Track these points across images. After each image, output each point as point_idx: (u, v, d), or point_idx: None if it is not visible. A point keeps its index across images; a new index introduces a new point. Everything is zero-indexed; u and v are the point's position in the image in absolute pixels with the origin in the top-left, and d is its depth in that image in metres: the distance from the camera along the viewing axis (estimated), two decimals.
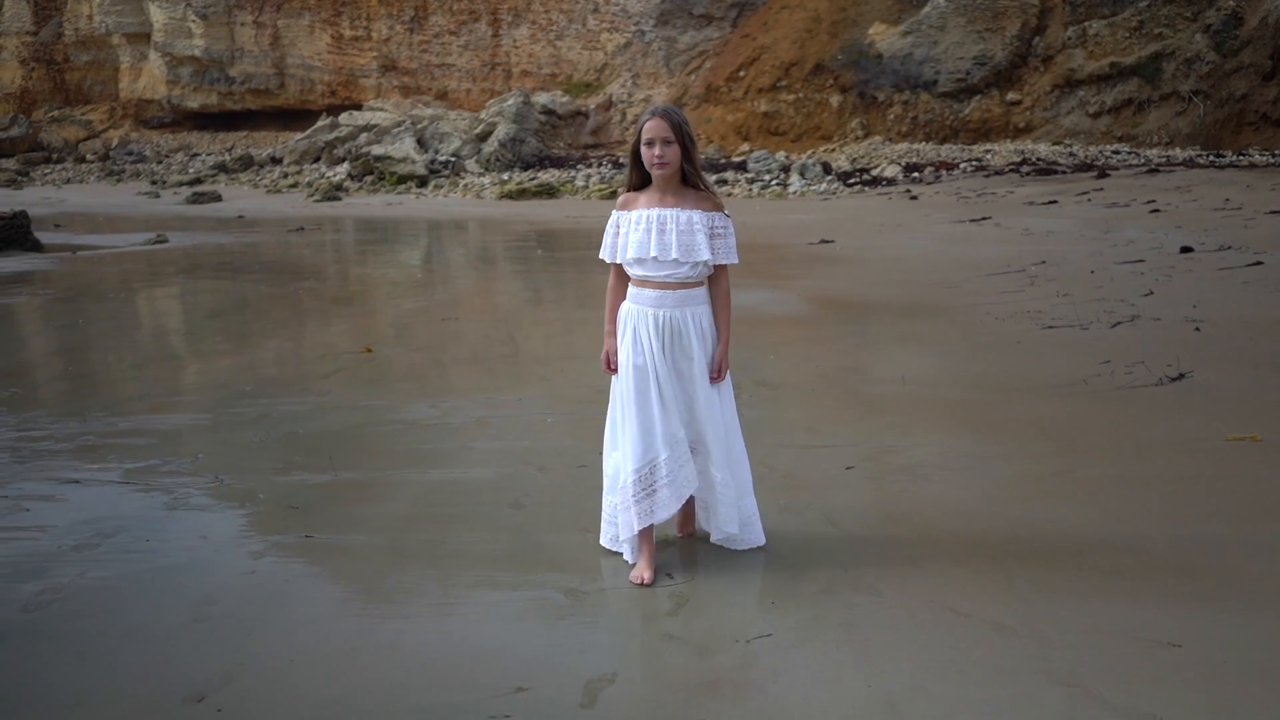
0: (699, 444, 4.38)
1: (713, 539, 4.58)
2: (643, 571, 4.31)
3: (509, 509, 5.19)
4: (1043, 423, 6.52)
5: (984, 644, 3.62)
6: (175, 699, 3.42)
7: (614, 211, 4.48)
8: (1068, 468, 5.60)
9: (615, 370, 4.46)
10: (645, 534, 4.37)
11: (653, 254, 4.28)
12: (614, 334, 4.47)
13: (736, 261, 4.39)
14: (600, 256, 4.49)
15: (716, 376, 4.37)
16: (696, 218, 4.28)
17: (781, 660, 3.57)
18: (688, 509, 4.66)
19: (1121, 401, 6.94)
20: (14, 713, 3.40)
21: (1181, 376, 7.43)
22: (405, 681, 3.49)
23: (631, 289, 4.42)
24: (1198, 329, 9.09)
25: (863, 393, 7.47)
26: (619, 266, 4.46)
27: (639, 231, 4.32)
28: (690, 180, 4.37)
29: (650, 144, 4.25)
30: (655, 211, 4.31)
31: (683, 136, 4.25)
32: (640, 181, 4.42)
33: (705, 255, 4.26)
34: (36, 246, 20.63)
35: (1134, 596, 3.97)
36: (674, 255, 4.26)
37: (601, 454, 4.60)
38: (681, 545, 4.68)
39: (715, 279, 4.44)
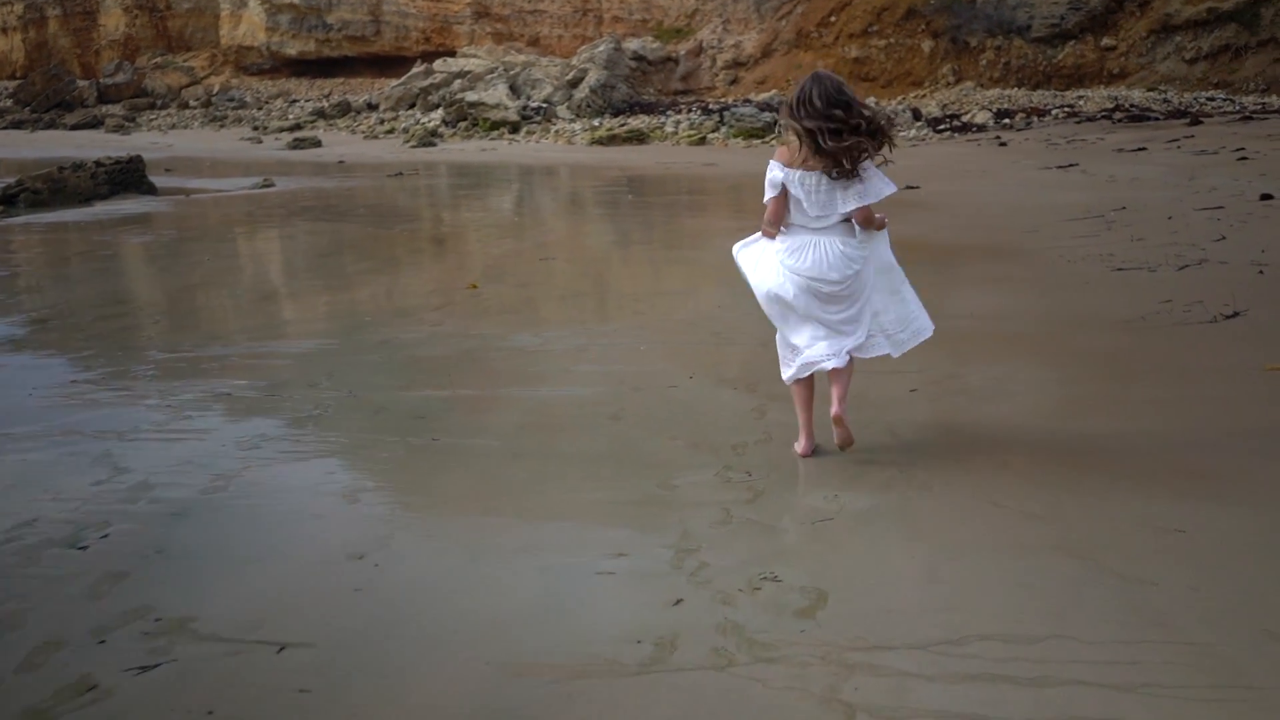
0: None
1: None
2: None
3: (608, 420, 5.90)
4: (1097, 353, 7.07)
5: (1014, 527, 4.25)
6: (339, 557, 4.17)
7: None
8: (1113, 391, 6.17)
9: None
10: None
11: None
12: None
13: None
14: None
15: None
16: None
17: (841, 538, 4.23)
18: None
19: (1175, 336, 7.44)
20: (202, 566, 4.16)
21: (1236, 314, 7.90)
22: (526, 546, 4.22)
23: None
24: (1261, 271, 9.49)
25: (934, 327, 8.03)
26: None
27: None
28: None
29: None
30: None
31: None
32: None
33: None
34: (151, 189, 21.65)
35: (1151, 494, 4.56)
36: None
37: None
38: (761, 450, 5.33)
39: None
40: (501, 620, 3.62)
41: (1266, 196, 14.39)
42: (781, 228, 5.17)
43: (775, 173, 5.05)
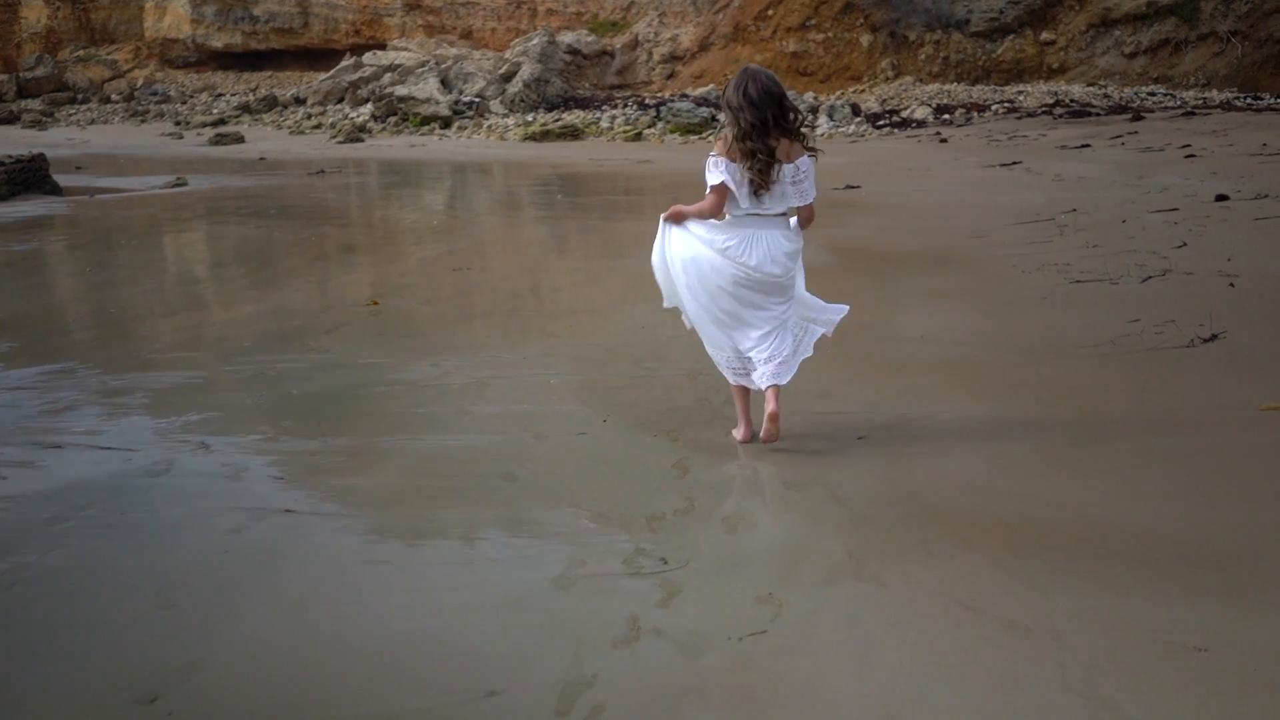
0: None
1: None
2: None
3: (500, 481, 4.94)
4: (1067, 388, 6.22)
5: (995, 645, 3.36)
6: (126, 699, 3.20)
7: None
8: (1092, 439, 5.31)
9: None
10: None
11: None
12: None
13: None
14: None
15: None
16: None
17: (776, 662, 3.32)
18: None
19: (1151, 364, 6.62)
20: None
21: (1214, 337, 7.10)
22: (371, 683, 3.27)
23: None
24: (1232, 284, 8.73)
25: (880, 353, 7.17)
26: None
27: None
28: None
29: None
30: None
31: None
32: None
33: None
34: (55, 190, 20.36)
35: (1158, 590, 3.69)
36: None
37: None
38: (681, 524, 4.42)
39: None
40: None
41: (1222, 197, 13.74)
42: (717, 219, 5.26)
43: (716, 169, 5.09)
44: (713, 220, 5.23)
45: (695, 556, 4.08)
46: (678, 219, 5.32)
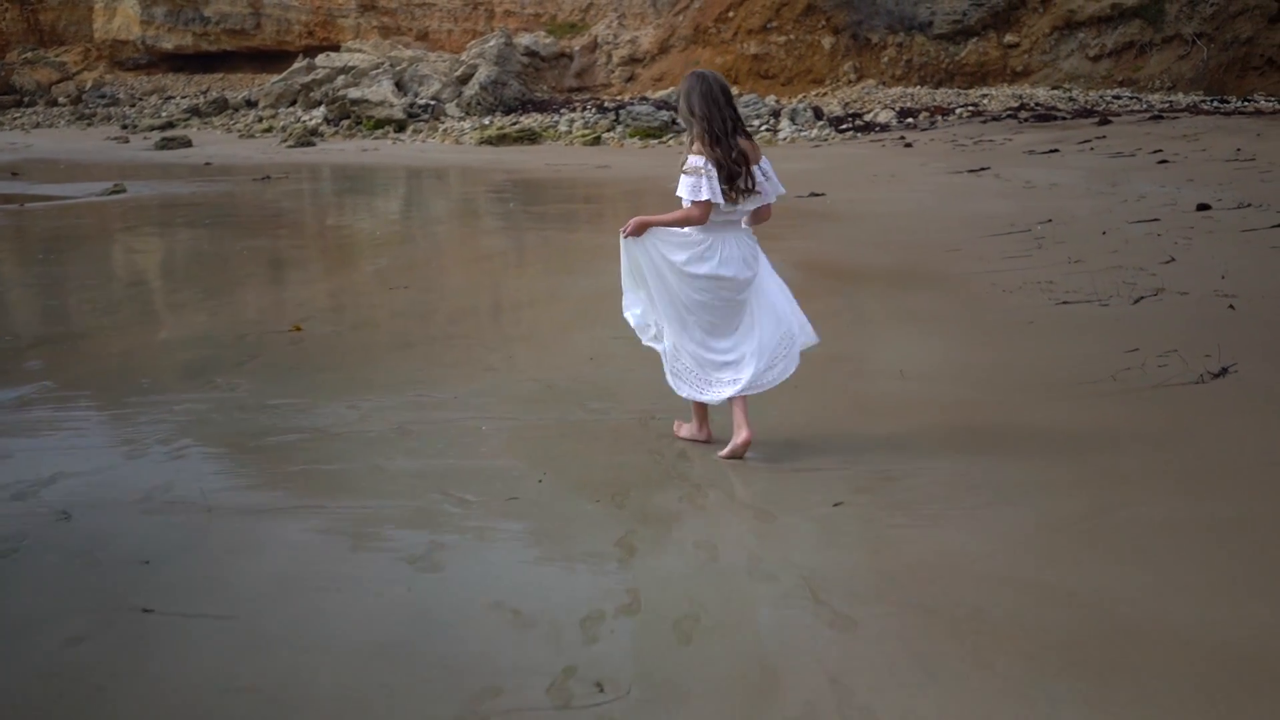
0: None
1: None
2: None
3: (406, 567, 4.08)
4: (1069, 436, 5.44)
5: None
6: None
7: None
8: (1105, 507, 4.53)
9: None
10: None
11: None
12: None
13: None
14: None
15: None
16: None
17: None
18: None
19: (1159, 405, 5.87)
20: None
21: (1224, 371, 6.36)
22: None
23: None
24: (1232, 306, 8.03)
25: (855, 392, 6.39)
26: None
27: None
28: None
29: None
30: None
31: None
32: None
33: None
34: None
35: None
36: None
37: None
38: (623, 630, 3.61)
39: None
40: None
41: (1204, 207, 13.10)
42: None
43: (708, 181, 4.93)
44: (677, 230, 5.11)
45: (639, 680, 3.27)
46: (640, 230, 5.16)
